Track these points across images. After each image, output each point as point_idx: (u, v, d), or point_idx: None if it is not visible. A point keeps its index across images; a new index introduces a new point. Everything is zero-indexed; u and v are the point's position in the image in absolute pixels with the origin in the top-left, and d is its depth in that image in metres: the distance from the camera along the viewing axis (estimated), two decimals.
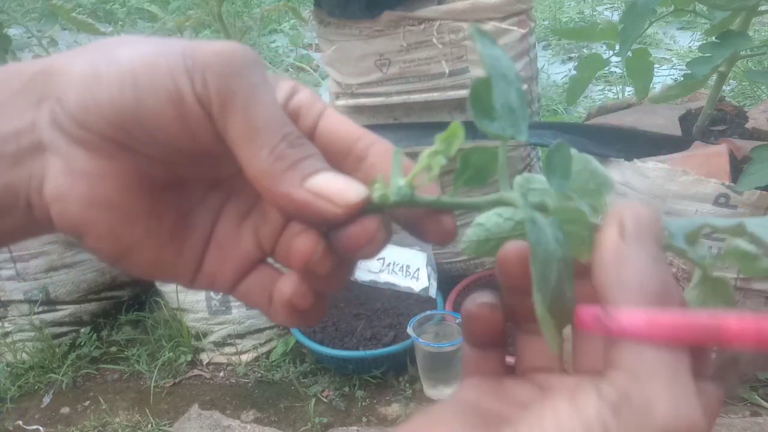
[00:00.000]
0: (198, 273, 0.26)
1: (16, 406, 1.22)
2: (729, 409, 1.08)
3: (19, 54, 1.36)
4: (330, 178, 0.23)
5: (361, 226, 0.23)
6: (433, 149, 0.23)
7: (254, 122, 0.22)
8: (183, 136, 0.23)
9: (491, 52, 0.23)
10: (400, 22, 1.12)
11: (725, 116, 1.22)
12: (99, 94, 0.22)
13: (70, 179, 0.23)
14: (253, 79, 0.23)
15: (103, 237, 0.23)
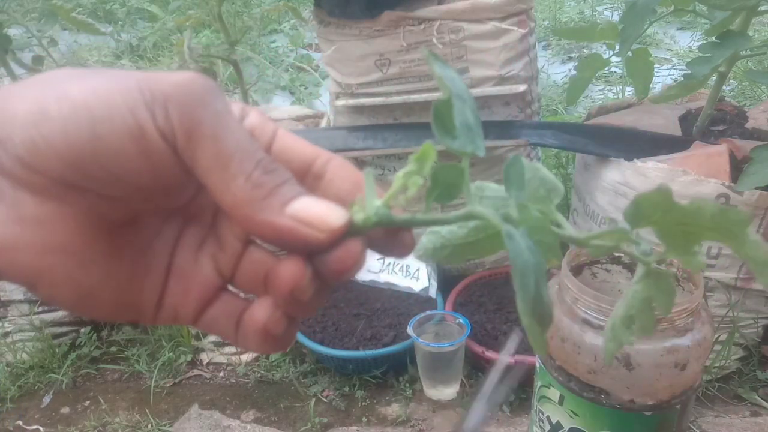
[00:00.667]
0: (160, 308, 0.26)
1: (16, 406, 1.22)
2: (729, 409, 1.08)
3: (19, 54, 1.36)
4: (310, 203, 0.23)
5: (345, 249, 0.23)
6: (407, 169, 0.24)
7: (225, 150, 0.22)
8: (145, 171, 0.22)
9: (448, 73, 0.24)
10: (400, 22, 1.12)
11: (725, 116, 1.22)
12: (50, 133, 0.20)
13: (17, 227, 0.21)
14: (217, 106, 0.22)
15: (59, 284, 0.22)
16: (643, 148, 1.09)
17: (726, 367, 1.12)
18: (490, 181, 0.27)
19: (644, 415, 0.68)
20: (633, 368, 0.66)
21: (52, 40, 1.40)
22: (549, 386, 0.75)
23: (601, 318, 0.67)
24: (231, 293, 0.26)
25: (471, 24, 1.12)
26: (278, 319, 0.25)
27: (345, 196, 0.25)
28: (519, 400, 1.11)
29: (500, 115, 1.20)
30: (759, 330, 1.11)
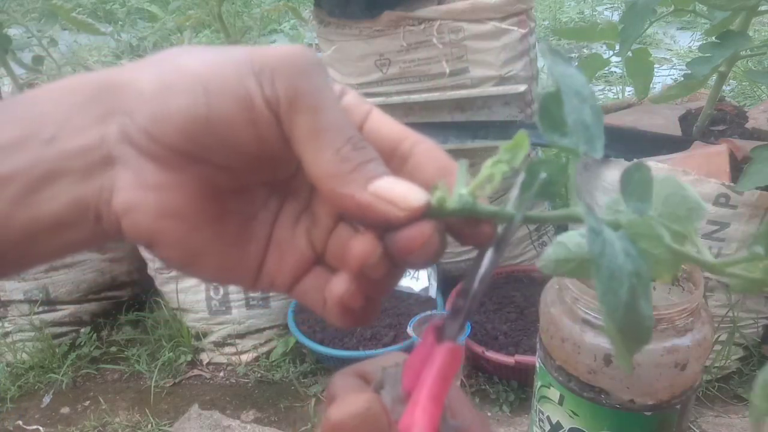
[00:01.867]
0: (259, 275, 0.27)
1: (16, 406, 1.22)
2: (729, 409, 1.08)
3: (19, 54, 1.36)
4: (393, 182, 0.23)
5: (417, 229, 0.23)
6: (496, 158, 0.23)
7: (320, 123, 0.23)
8: (252, 140, 0.23)
9: (563, 70, 0.23)
10: (400, 22, 1.12)
11: (725, 116, 1.22)
12: (170, 106, 0.22)
13: (140, 192, 0.23)
14: (319, 80, 0.23)
15: (173, 245, 0.24)
16: (643, 148, 1.09)
17: (726, 367, 1.12)
18: None
19: (644, 415, 0.68)
20: (633, 368, 0.66)
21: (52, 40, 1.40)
22: (549, 386, 0.75)
23: (601, 318, 0.67)
24: (322, 267, 0.28)
25: (471, 24, 1.12)
26: (354, 293, 0.25)
27: (429, 179, 0.25)
28: (519, 400, 1.11)
29: (500, 115, 1.20)
30: (759, 330, 1.11)
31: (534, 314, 0.94)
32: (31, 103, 0.23)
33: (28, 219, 0.22)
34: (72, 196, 0.23)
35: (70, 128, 0.23)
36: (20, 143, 0.22)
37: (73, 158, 0.22)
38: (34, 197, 0.22)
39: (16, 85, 1.37)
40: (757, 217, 0.96)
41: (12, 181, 0.22)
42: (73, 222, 0.23)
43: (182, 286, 1.24)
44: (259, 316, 1.26)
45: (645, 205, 0.23)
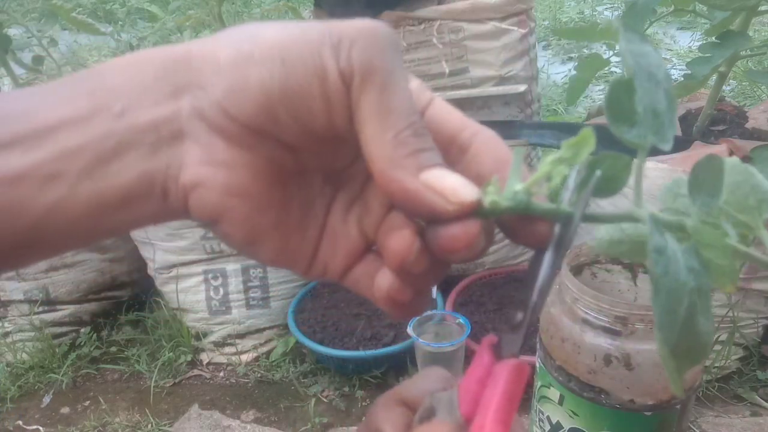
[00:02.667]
0: (313, 262, 0.27)
1: (16, 406, 1.22)
2: (729, 409, 1.08)
3: (19, 54, 1.36)
4: (446, 174, 0.23)
5: (463, 228, 0.22)
6: (557, 156, 0.22)
7: (387, 103, 0.22)
8: (323, 115, 0.22)
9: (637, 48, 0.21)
10: (400, 22, 1.12)
11: (725, 116, 1.22)
12: (248, 76, 0.22)
13: (209, 168, 0.23)
14: (394, 60, 0.23)
15: (237, 224, 0.24)
16: None
17: (726, 367, 1.12)
18: None
19: (644, 415, 0.68)
20: (633, 368, 0.66)
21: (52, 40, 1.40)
22: (549, 386, 0.75)
23: (601, 318, 0.67)
24: (375, 254, 0.27)
25: (471, 24, 1.12)
26: (400, 287, 0.25)
27: (487, 172, 0.24)
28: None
29: (500, 115, 1.20)
30: (759, 330, 1.11)
31: None
32: (101, 76, 0.23)
33: (96, 192, 0.22)
34: (140, 170, 0.22)
35: (141, 102, 0.22)
36: (90, 116, 0.22)
37: (143, 132, 0.22)
38: (102, 170, 0.22)
39: (16, 85, 1.37)
40: None
41: (81, 153, 0.22)
42: (140, 196, 0.23)
43: (182, 286, 1.24)
44: (259, 316, 1.26)
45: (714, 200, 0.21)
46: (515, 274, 1.31)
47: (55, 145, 0.22)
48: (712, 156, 0.22)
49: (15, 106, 0.22)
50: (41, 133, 0.22)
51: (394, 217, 0.25)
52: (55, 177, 0.22)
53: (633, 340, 0.66)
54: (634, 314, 0.65)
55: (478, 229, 0.22)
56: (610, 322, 0.67)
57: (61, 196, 0.22)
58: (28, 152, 0.21)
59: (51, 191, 0.21)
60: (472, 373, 0.25)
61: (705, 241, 0.21)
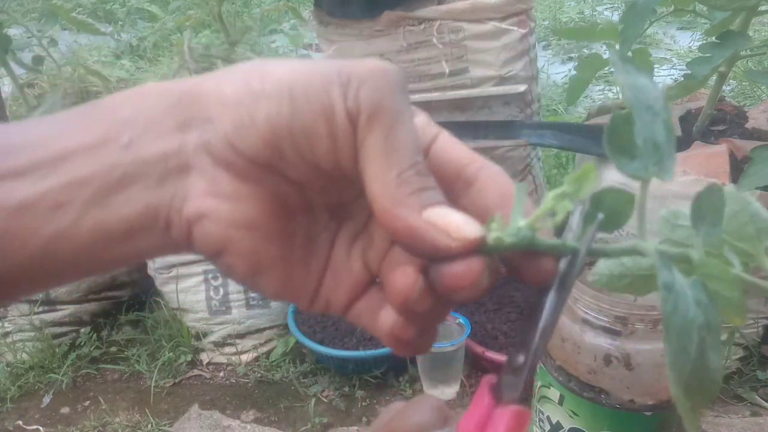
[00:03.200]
0: (316, 295, 0.27)
1: (16, 406, 1.22)
2: (729, 409, 1.08)
3: (19, 54, 1.36)
4: (449, 211, 0.23)
5: (466, 265, 0.22)
6: (560, 191, 0.22)
7: (392, 142, 0.22)
8: (328, 153, 0.23)
9: (635, 81, 0.21)
10: (400, 22, 1.12)
11: (725, 116, 1.22)
12: (256, 111, 0.22)
13: (214, 200, 0.23)
14: (401, 100, 0.23)
15: (241, 256, 0.24)
16: None
17: (726, 367, 1.12)
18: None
19: (644, 415, 0.68)
20: (633, 368, 0.66)
21: (52, 40, 1.40)
22: (549, 386, 0.75)
23: (601, 318, 0.67)
24: (378, 288, 0.27)
25: (471, 24, 1.12)
26: (403, 325, 0.25)
27: (491, 206, 0.24)
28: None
29: (500, 115, 1.20)
30: (759, 330, 1.11)
31: None
32: (110, 108, 0.23)
33: (100, 222, 0.22)
34: (145, 201, 0.23)
35: (148, 134, 0.23)
36: (98, 147, 0.22)
37: (150, 164, 0.22)
38: (107, 201, 0.22)
39: (16, 85, 1.37)
40: None
41: (88, 183, 0.22)
42: (143, 228, 0.23)
43: (182, 286, 1.24)
44: (259, 316, 1.26)
45: (717, 230, 0.21)
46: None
47: (63, 175, 0.22)
48: (713, 186, 0.22)
49: (27, 136, 0.23)
50: (51, 162, 0.22)
51: (397, 253, 0.25)
52: (62, 206, 0.22)
53: (633, 340, 0.66)
54: (634, 314, 0.65)
55: (482, 266, 0.22)
56: (610, 322, 0.67)
57: (65, 226, 0.22)
58: (38, 181, 0.22)
59: (56, 220, 0.22)
60: (470, 416, 0.24)
61: (711, 273, 0.20)
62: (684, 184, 0.98)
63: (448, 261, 0.22)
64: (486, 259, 0.22)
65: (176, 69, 1.46)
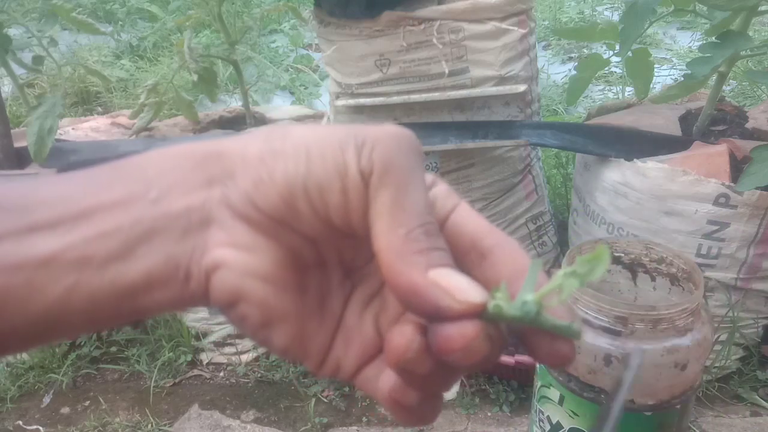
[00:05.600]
0: (327, 357, 0.27)
1: (16, 406, 1.22)
2: (729, 409, 1.08)
3: (19, 54, 1.36)
4: (454, 274, 0.23)
5: (458, 328, 0.22)
6: (570, 269, 0.22)
7: (402, 201, 0.23)
8: (340, 208, 0.23)
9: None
10: (400, 22, 1.12)
11: (725, 116, 1.22)
12: (275, 169, 0.23)
13: (231, 250, 0.24)
14: (413, 162, 0.24)
15: (254, 305, 0.24)
16: (643, 148, 1.09)
17: (726, 367, 1.12)
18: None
19: (644, 415, 0.68)
20: None
21: (52, 40, 1.40)
22: (549, 386, 0.75)
23: (601, 318, 0.67)
24: None
25: (471, 24, 1.12)
26: (402, 389, 0.25)
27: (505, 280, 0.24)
28: (519, 400, 1.11)
29: (500, 115, 1.20)
30: (759, 330, 1.11)
31: None
32: (139, 167, 0.24)
33: (121, 273, 0.23)
34: (166, 254, 0.23)
35: (175, 191, 0.24)
36: (126, 203, 0.23)
37: (174, 218, 0.23)
38: (130, 253, 0.23)
39: (16, 85, 1.37)
40: (757, 217, 0.96)
41: (113, 236, 0.23)
42: (163, 280, 0.23)
43: None
44: None
45: None
46: None
47: (90, 228, 0.23)
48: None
49: (56, 191, 0.24)
50: (78, 217, 0.23)
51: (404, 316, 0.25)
52: (86, 258, 0.22)
53: (633, 340, 0.66)
54: (634, 314, 0.65)
55: (476, 331, 0.22)
56: (610, 322, 0.67)
57: (87, 277, 0.22)
58: (64, 235, 0.22)
59: (79, 272, 0.22)
60: None
61: None
62: (684, 184, 0.98)
63: (444, 322, 0.22)
64: (484, 326, 0.22)
65: (176, 69, 1.46)
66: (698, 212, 0.98)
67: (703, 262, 1.00)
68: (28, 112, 1.23)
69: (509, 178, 1.25)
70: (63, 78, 1.46)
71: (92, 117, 1.64)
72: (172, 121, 1.52)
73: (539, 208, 1.32)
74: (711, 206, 0.97)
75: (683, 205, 0.99)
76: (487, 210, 1.26)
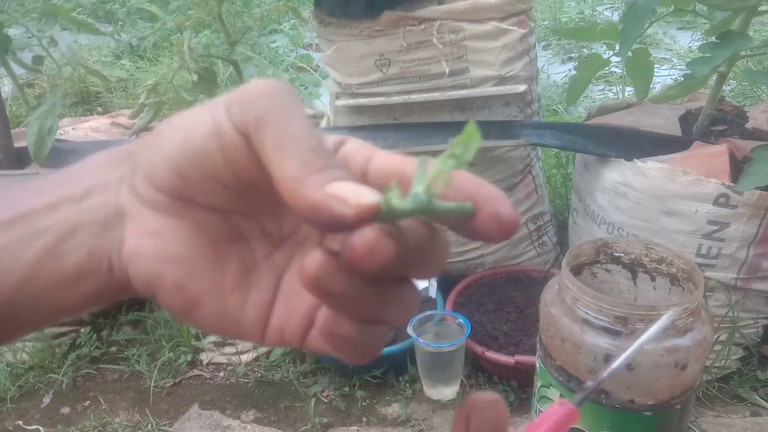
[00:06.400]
0: (267, 328, 0.28)
1: (16, 406, 1.22)
2: (729, 409, 1.08)
3: (19, 54, 1.36)
4: (350, 184, 0.23)
5: (358, 235, 0.22)
6: (447, 153, 0.23)
7: (284, 136, 0.24)
8: (226, 167, 0.24)
9: None
10: (400, 22, 1.12)
11: (725, 116, 1.22)
12: (161, 147, 0.25)
13: (142, 239, 0.25)
14: (286, 102, 0.24)
15: (171, 292, 0.26)
16: (643, 148, 1.09)
17: (726, 367, 1.12)
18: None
19: (644, 415, 0.68)
20: (633, 368, 0.66)
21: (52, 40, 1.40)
22: (549, 386, 0.75)
23: (601, 318, 0.67)
24: None
25: (471, 24, 1.12)
26: (334, 318, 0.25)
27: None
28: (519, 400, 1.11)
29: (500, 115, 1.20)
30: (759, 330, 1.11)
31: (534, 314, 0.94)
32: (73, 171, 0.27)
33: (56, 268, 0.25)
34: (91, 246, 0.25)
35: (95, 190, 0.26)
36: (57, 204, 0.26)
37: (93, 212, 0.26)
38: (60, 247, 0.25)
39: (16, 85, 1.37)
40: (757, 217, 0.96)
41: (46, 232, 0.25)
42: (90, 272, 0.25)
43: None
44: None
45: None
46: (515, 274, 1.31)
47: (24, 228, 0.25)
48: None
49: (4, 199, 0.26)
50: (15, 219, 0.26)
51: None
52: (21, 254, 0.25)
53: (633, 340, 0.66)
54: (634, 314, 0.65)
55: (374, 232, 0.22)
56: (610, 322, 0.67)
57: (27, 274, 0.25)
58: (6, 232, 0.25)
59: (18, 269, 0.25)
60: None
61: None
62: (684, 184, 0.98)
63: (348, 234, 0.23)
64: (383, 226, 0.22)
65: (176, 69, 1.46)
66: (698, 212, 0.98)
67: (703, 262, 1.00)
68: (28, 112, 1.23)
69: (509, 178, 1.25)
70: (63, 78, 1.46)
71: (92, 117, 1.64)
72: None
73: (539, 208, 1.32)
74: (711, 206, 0.97)
75: (683, 205, 0.99)
76: None
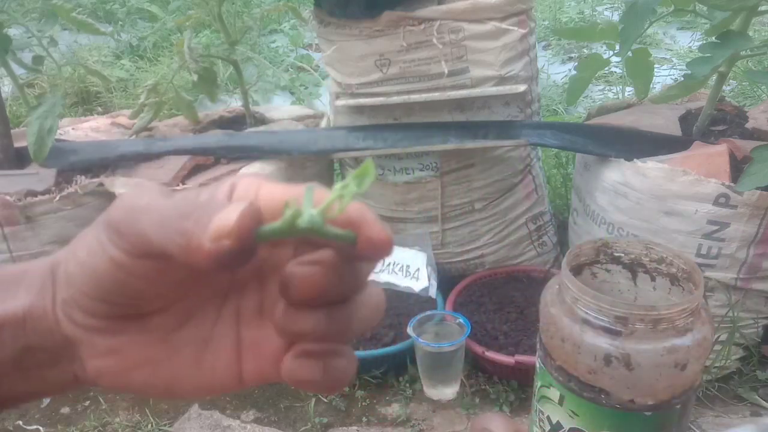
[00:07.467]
0: (242, 377, 0.29)
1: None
2: (729, 409, 1.08)
3: (19, 54, 1.36)
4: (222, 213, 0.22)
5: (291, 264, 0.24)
6: (344, 183, 0.24)
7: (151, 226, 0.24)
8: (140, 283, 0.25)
9: None
10: (400, 22, 1.12)
11: (725, 116, 1.23)
12: (75, 283, 0.26)
13: (100, 360, 0.27)
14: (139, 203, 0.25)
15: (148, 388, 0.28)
16: (643, 148, 1.09)
17: (726, 367, 1.12)
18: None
19: (644, 415, 0.68)
20: (633, 368, 0.66)
21: (52, 40, 1.40)
22: (549, 386, 0.75)
23: (601, 318, 0.67)
24: None
25: (471, 24, 1.12)
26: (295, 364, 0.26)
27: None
28: (519, 400, 1.11)
29: (500, 115, 1.20)
30: (759, 330, 1.11)
31: (534, 314, 0.94)
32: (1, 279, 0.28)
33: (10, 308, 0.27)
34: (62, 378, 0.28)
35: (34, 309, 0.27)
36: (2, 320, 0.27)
37: (44, 338, 0.27)
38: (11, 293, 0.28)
39: (16, 85, 1.37)
40: (757, 217, 0.96)
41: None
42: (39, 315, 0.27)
43: None
44: None
45: None
46: (515, 274, 1.31)
47: None
48: None
49: None
50: None
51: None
52: None
53: (633, 340, 0.66)
54: (634, 314, 0.65)
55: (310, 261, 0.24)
56: (610, 322, 0.67)
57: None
58: None
59: None
60: None
61: None
62: (684, 184, 0.98)
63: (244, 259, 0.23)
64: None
65: (176, 69, 1.46)
66: (698, 212, 0.98)
67: (703, 262, 1.01)
68: (28, 112, 1.23)
69: (509, 178, 1.25)
70: (63, 78, 1.46)
71: (92, 117, 1.64)
72: (172, 121, 1.52)
73: (539, 208, 1.32)
74: (711, 206, 0.97)
75: (683, 205, 0.99)
76: (487, 210, 1.26)
